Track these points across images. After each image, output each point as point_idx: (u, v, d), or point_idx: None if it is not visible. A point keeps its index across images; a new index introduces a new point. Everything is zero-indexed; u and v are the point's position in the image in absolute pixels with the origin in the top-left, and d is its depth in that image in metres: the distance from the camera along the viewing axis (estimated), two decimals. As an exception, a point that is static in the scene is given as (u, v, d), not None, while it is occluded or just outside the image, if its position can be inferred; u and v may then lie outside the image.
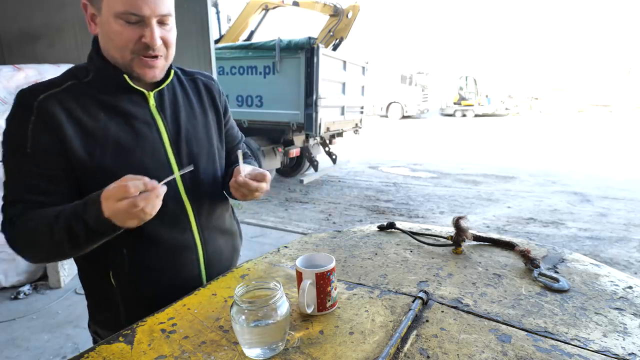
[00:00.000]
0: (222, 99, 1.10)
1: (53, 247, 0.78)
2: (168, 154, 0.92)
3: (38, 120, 0.80)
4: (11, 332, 2.36)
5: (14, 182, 0.83)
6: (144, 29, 0.81)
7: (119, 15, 0.79)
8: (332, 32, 6.45)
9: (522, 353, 0.67)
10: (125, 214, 0.71)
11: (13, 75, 2.86)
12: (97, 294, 0.96)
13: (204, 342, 0.72)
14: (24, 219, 0.80)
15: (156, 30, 0.82)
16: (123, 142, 0.86)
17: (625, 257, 3.52)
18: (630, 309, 0.81)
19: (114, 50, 0.84)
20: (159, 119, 0.92)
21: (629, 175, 6.85)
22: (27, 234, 0.80)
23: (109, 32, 0.82)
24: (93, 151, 0.83)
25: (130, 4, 0.78)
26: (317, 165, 6.12)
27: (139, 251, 0.90)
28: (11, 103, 0.84)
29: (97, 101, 0.86)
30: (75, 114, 0.83)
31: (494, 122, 18.89)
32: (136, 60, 0.84)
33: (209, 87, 1.07)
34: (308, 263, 0.83)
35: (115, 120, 0.87)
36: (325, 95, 5.31)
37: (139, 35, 0.82)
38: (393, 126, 17.20)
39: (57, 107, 0.82)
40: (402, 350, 0.69)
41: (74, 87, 0.86)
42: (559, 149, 10.04)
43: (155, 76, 0.88)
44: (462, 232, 1.09)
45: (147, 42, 0.82)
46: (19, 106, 0.82)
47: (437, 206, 5.19)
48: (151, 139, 0.90)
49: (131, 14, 0.79)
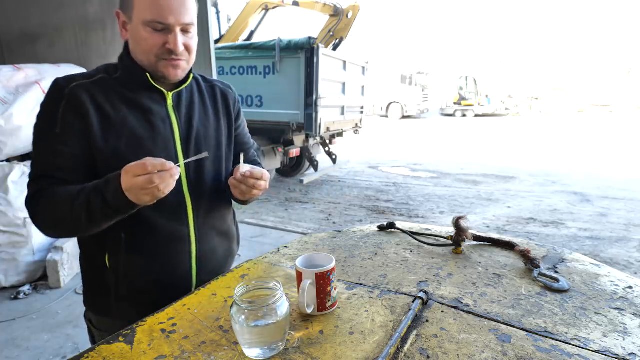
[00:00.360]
0: (236, 106, 1.18)
1: (72, 221, 0.85)
2: (177, 149, 0.99)
3: (68, 105, 0.89)
4: (11, 332, 2.36)
5: (40, 160, 0.91)
6: (168, 36, 0.91)
7: (147, 24, 0.89)
8: (332, 32, 6.45)
9: (522, 353, 0.67)
10: (140, 189, 0.77)
11: (13, 75, 2.86)
12: (92, 276, 1.01)
13: (204, 342, 0.72)
14: (47, 194, 0.87)
15: (179, 38, 0.92)
16: (137, 133, 0.94)
17: (625, 257, 3.52)
18: (630, 309, 0.81)
19: (141, 54, 0.94)
20: (173, 117, 1.00)
21: (629, 175, 6.85)
22: (49, 208, 0.87)
23: (138, 37, 0.92)
24: (110, 138, 0.91)
25: (157, 14, 0.88)
26: (317, 165, 6.12)
27: (137, 237, 0.95)
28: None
29: (122, 96, 0.95)
30: (100, 104, 0.92)
31: (494, 122, 18.89)
32: (161, 62, 0.93)
33: (226, 94, 1.15)
34: (308, 263, 0.83)
35: (134, 114, 0.95)
36: (325, 95, 5.31)
37: (164, 42, 0.91)
38: (393, 126, 17.19)
39: (85, 96, 0.90)
40: (402, 350, 0.69)
41: (103, 81, 0.95)
42: (559, 149, 10.04)
43: (178, 75, 0.97)
44: (462, 232, 1.09)
45: (171, 47, 0.91)
46: (52, 92, 0.91)
47: (437, 206, 5.19)
48: (164, 134, 0.98)
49: (158, 23, 0.89)
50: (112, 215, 0.84)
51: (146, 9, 0.89)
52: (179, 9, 0.90)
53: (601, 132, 13.87)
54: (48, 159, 0.90)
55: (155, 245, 0.97)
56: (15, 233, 2.78)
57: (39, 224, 0.90)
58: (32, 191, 0.90)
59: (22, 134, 2.79)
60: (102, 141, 0.91)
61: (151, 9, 0.88)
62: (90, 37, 3.55)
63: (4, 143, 2.74)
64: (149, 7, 0.88)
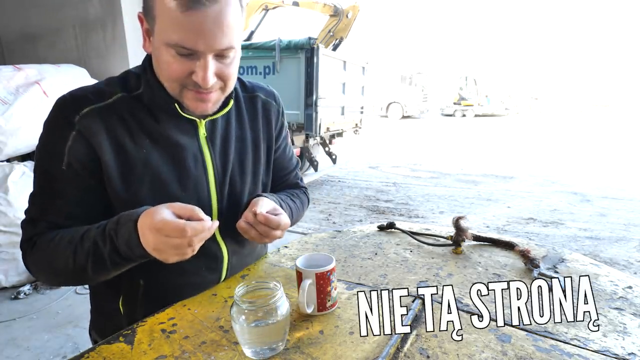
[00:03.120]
0: (278, 122, 1.00)
1: (75, 271, 0.72)
2: (210, 193, 0.85)
3: (78, 137, 0.73)
4: (11, 332, 2.36)
5: (39, 198, 0.76)
6: (196, 63, 0.71)
7: (170, 46, 0.69)
8: (332, 32, 6.45)
9: (522, 353, 0.67)
10: (173, 250, 0.65)
11: (13, 75, 2.86)
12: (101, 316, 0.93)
13: (204, 342, 0.72)
14: (45, 239, 0.74)
15: (210, 68, 0.71)
16: (163, 176, 0.79)
17: (625, 257, 3.52)
18: (630, 308, 0.82)
19: (162, 78, 0.76)
20: (207, 152, 0.84)
21: (629, 175, 6.84)
22: (47, 256, 0.73)
23: (159, 59, 0.73)
24: (130, 182, 0.77)
25: (183, 37, 0.68)
26: (317, 165, 6.11)
27: (158, 285, 0.85)
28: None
29: (144, 124, 0.78)
30: (118, 138, 0.75)
31: (494, 122, 18.88)
32: (185, 91, 0.75)
33: (268, 108, 0.97)
34: (308, 263, 0.83)
35: (159, 150, 0.79)
36: (325, 95, 5.31)
37: (190, 70, 0.72)
38: (393, 126, 17.19)
39: (100, 127, 0.74)
40: (402, 350, 0.69)
41: (122, 102, 0.77)
42: (559, 149, 10.04)
43: (207, 110, 0.78)
44: (462, 232, 1.09)
45: (198, 81, 0.72)
46: (59, 117, 0.74)
47: (437, 206, 5.19)
48: (194, 175, 0.82)
49: (182, 47, 0.69)
50: (125, 265, 0.72)
51: (169, 26, 0.68)
52: (213, 31, 0.68)
53: (601, 132, 13.87)
54: (49, 199, 0.75)
55: (180, 292, 0.85)
56: (15, 233, 2.78)
57: (35, 273, 0.77)
58: (27, 234, 0.76)
59: (22, 134, 2.79)
60: (119, 185, 0.76)
61: (175, 28, 0.67)
62: (90, 37, 3.55)
63: (4, 143, 2.74)
64: (173, 25, 0.68)
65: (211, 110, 0.79)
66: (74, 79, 3.21)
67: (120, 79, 0.81)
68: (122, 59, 3.44)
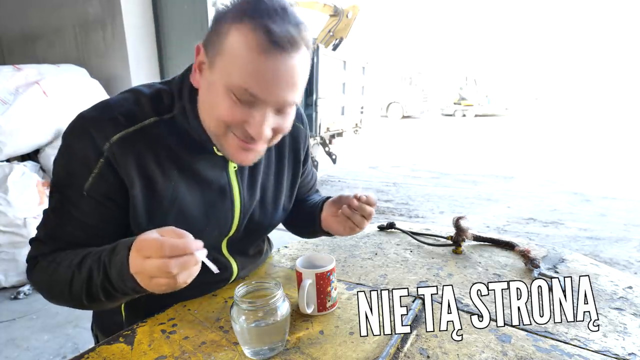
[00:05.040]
0: (305, 147, 0.94)
1: (72, 299, 0.67)
2: (233, 224, 0.82)
3: (106, 166, 0.67)
4: (11, 332, 2.36)
5: (54, 221, 0.71)
6: (253, 113, 0.64)
7: (232, 89, 0.62)
8: (332, 32, 6.45)
9: (522, 353, 0.67)
10: (149, 278, 0.56)
11: (13, 75, 2.86)
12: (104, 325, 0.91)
13: (204, 342, 0.72)
14: (47, 261, 0.70)
15: (268, 122, 0.65)
16: (188, 212, 0.74)
17: (625, 257, 3.52)
18: (630, 308, 0.81)
19: (207, 117, 0.69)
20: (235, 186, 0.80)
21: (629, 175, 6.84)
22: (47, 279, 0.70)
23: (213, 98, 0.65)
24: (155, 215, 0.72)
25: (252, 82, 0.61)
26: (317, 165, 6.11)
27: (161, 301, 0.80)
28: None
29: (173, 152, 0.72)
30: (147, 168, 0.70)
31: (494, 122, 18.88)
32: (230, 137, 0.68)
33: (295, 134, 0.90)
34: (308, 263, 0.83)
35: (187, 182, 0.74)
36: (325, 95, 5.31)
37: (244, 119, 0.65)
38: (393, 126, 17.19)
39: (130, 156, 0.68)
40: (402, 350, 0.69)
41: (155, 127, 0.71)
42: (559, 149, 10.04)
43: (247, 161, 0.72)
44: (462, 232, 1.09)
45: (250, 132, 0.65)
46: (87, 139, 0.67)
47: (437, 206, 5.19)
48: (221, 210, 0.79)
49: (248, 94, 0.62)
50: (118, 298, 0.65)
51: (238, 68, 0.61)
52: (284, 83, 0.62)
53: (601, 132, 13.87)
54: (60, 223, 0.70)
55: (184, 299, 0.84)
56: (15, 233, 2.78)
57: (38, 292, 0.72)
58: (32, 252, 0.73)
59: (21, 134, 2.80)
60: (144, 217, 0.71)
61: (246, 70, 0.60)
62: (90, 37, 3.56)
63: (4, 143, 2.74)
64: (244, 66, 0.60)
65: (252, 161, 0.72)
66: (73, 78, 3.21)
67: (152, 97, 0.73)
68: (122, 59, 3.44)
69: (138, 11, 3.41)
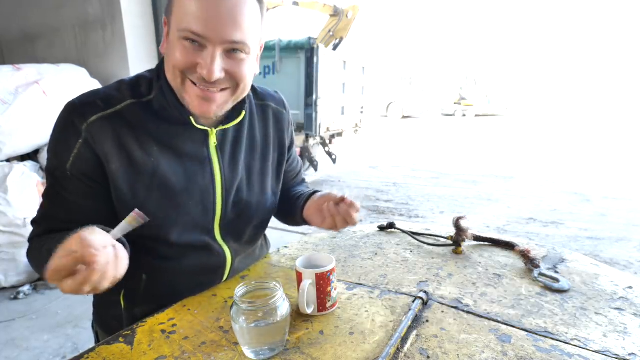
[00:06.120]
0: (289, 132, 0.99)
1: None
2: (216, 200, 0.83)
3: (84, 145, 0.72)
4: (11, 332, 2.36)
5: (46, 201, 0.77)
6: (203, 54, 0.68)
7: (181, 33, 0.67)
8: (332, 32, 6.45)
9: (522, 353, 0.67)
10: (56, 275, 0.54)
11: (13, 75, 2.86)
12: (103, 308, 0.93)
13: (204, 342, 0.71)
14: (39, 242, 0.75)
15: (218, 60, 0.68)
16: (170, 185, 0.77)
17: (625, 257, 3.52)
18: (630, 309, 0.81)
19: (169, 72, 0.73)
20: (215, 160, 0.82)
21: (629, 175, 6.84)
22: (34, 259, 0.76)
23: (169, 49, 0.71)
24: (137, 190, 0.75)
25: (193, 22, 0.65)
26: (317, 165, 6.12)
27: (162, 279, 0.85)
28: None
29: (153, 132, 0.76)
30: (126, 145, 0.73)
31: (494, 122, 18.89)
32: (189, 86, 0.71)
33: (279, 119, 0.96)
34: (308, 263, 0.83)
35: (168, 157, 0.77)
36: (325, 95, 5.32)
37: (195, 62, 0.68)
38: (393, 126, 17.19)
39: (107, 135, 0.72)
40: (402, 350, 0.69)
41: (132, 109, 0.75)
42: (559, 149, 10.04)
43: (209, 112, 0.73)
44: (462, 232, 1.09)
45: (202, 74, 0.68)
46: (67, 122, 0.72)
47: (437, 206, 5.19)
48: (202, 183, 0.81)
49: (191, 33, 0.66)
50: None
51: (183, 14, 0.67)
52: (225, 20, 0.66)
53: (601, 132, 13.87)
54: (51, 204, 0.76)
55: (181, 290, 0.85)
56: (15, 233, 2.78)
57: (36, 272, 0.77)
58: (31, 233, 0.79)
59: (21, 134, 2.80)
60: (127, 193, 0.75)
61: (188, 13, 0.66)
62: (90, 37, 3.56)
63: (4, 143, 2.74)
64: (187, 11, 0.66)
65: (215, 113, 0.75)
66: (73, 78, 3.21)
67: (132, 83, 0.78)
68: (122, 58, 3.44)
69: (138, 11, 3.41)
